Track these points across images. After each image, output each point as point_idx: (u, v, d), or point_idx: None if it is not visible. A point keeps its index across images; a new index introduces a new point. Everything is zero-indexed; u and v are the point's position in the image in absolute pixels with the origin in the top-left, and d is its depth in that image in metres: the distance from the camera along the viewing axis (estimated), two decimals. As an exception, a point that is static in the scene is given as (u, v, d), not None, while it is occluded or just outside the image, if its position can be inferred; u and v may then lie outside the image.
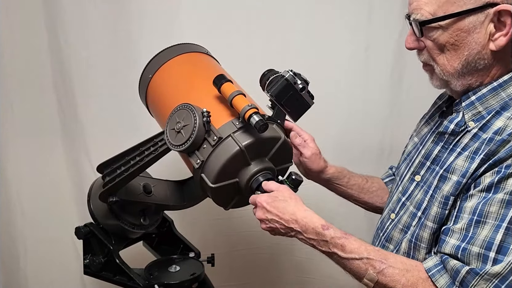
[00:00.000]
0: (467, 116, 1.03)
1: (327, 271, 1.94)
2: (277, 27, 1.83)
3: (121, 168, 1.27)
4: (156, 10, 1.80)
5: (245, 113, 1.10)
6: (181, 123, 1.14)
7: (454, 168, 1.01)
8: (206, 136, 1.14)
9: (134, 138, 1.28)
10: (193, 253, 1.49)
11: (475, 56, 0.99)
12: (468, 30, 0.97)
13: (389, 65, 1.88)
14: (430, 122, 1.23)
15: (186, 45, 1.42)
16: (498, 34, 0.96)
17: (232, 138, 1.14)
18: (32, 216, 1.91)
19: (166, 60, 1.36)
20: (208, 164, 1.15)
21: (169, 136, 1.17)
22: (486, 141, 0.97)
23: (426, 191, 1.08)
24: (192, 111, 1.13)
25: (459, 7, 0.96)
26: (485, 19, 0.96)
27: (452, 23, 0.97)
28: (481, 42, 0.97)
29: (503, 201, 0.91)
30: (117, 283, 1.35)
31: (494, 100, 1.01)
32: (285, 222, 1.06)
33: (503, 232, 0.90)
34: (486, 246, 0.91)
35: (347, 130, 1.93)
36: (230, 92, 1.14)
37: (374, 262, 0.98)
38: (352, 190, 1.38)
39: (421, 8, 0.99)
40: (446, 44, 0.99)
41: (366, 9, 1.85)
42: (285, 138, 1.23)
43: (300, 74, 1.22)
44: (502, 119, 0.98)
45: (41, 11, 1.78)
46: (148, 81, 1.37)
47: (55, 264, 1.94)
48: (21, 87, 1.84)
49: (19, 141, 1.86)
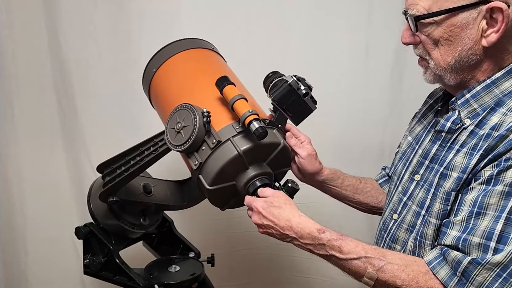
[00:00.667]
0: (463, 114, 1.05)
1: (327, 271, 1.94)
2: (277, 27, 1.83)
3: (121, 168, 1.27)
4: (156, 10, 1.80)
5: (245, 119, 1.10)
6: (181, 123, 1.14)
7: (453, 165, 1.02)
8: (205, 137, 1.14)
9: (134, 138, 1.28)
10: (193, 253, 1.49)
11: (468, 52, 1.01)
12: (462, 26, 0.99)
13: (389, 65, 1.88)
14: (422, 121, 1.24)
15: (193, 40, 1.40)
16: (490, 30, 0.98)
17: (231, 142, 1.13)
18: (32, 216, 1.91)
19: (171, 55, 1.35)
20: (206, 166, 1.15)
21: (169, 135, 1.17)
22: (483, 137, 0.99)
23: (428, 190, 1.08)
24: (193, 111, 1.13)
25: (453, 3, 0.98)
26: (478, 16, 0.98)
27: (446, 19, 0.99)
28: (474, 38, 0.99)
29: (503, 193, 0.92)
30: (117, 283, 1.35)
31: (488, 97, 1.03)
32: (280, 228, 1.07)
33: (503, 222, 0.91)
34: (487, 236, 0.91)
35: (347, 130, 1.93)
36: (232, 95, 1.14)
37: (372, 260, 0.98)
38: (346, 191, 1.38)
39: (417, 4, 1.01)
40: (440, 39, 1.01)
41: (366, 9, 1.85)
42: (285, 144, 1.23)
43: (304, 79, 1.22)
44: (497, 115, 1.00)
45: (41, 11, 1.78)
46: (152, 75, 1.36)
47: (55, 264, 1.94)
48: (21, 87, 1.84)
49: (19, 141, 1.86)
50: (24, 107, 1.84)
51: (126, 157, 1.28)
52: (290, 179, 1.20)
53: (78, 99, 1.84)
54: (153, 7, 1.80)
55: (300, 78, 1.21)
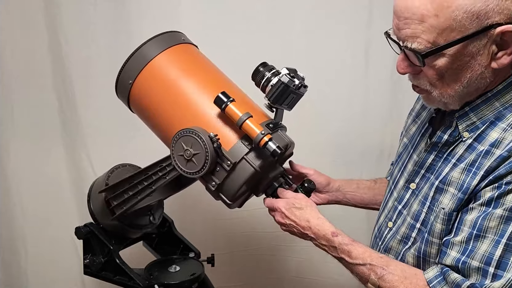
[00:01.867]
0: (461, 127, 1.02)
1: (326, 272, 1.94)
2: (277, 27, 1.83)
3: (129, 193, 1.27)
4: (156, 10, 1.79)
5: (260, 141, 1.12)
6: (190, 151, 1.13)
7: (450, 181, 1.01)
8: (218, 160, 1.15)
9: (134, 138, 1.28)
10: (193, 253, 1.49)
11: (478, 77, 0.95)
12: (471, 54, 0.92)
13: (389, 66, 1.88)
14: (417, 121, 1.22)
15: (162, 37, 1.27)
16: (502, 53, 0.92)
17: (245, 161, 1.15)
18: (32, 216, 1.91)
19: (145, 62, 1.23)
20: (225, 186, 1.18)
21: (179, 163, 1.16)
22: (482, 154, 0.97)
23: (423, 203, 1.08)
24: (200, 138, 1.11)
25: (461, 33, 0.90)
26: (488, 41, 0.91)
27: (456, 50, 0.92)
28: (484, 63, 0.93)
29: (503, 217, 0.92)
30: (117, 283, 1.35)
31: (488, 110, 0.99)
32: (301, 228, 1.14)
33: (502, 248, 0.91)
34: (486, 261, 0.92)
35: (346, 132, 1.92)
36: (238, 116, 1.13)
37: (376, 268, 1.03)
38: (366, 195, 1.40)
39: (418, 37, 0.92)
40: (447, 70, 0.95)
41: (366, 9, 1.85)
42: (292, 141, 1.26)
43: (296, 70, 1.21)
44: (497, 130, 0.97)
45: (41, 11, 1.78)
46: (129, 88, 1.25)
47: (55, 264, 1.94)
48: (21, 87, 1.84)
49: (19, 141, 1.86)
50: (24, 107, 1.84)
51: (132, 181, 1.26)
52: (306, 179, 1.26)
53: (78, 98, 1.84)
54: (153, 7, 1.79)
55: (291, 70, 1.19)
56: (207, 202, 1.27)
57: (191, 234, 1.57)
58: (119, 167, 1.41)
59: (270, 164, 1.22)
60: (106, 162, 1.46)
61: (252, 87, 1.26)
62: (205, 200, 1.35)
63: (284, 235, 1.24)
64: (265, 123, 1.20)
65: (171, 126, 1.20)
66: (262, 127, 1.14)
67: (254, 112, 1.17)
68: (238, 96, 1.18)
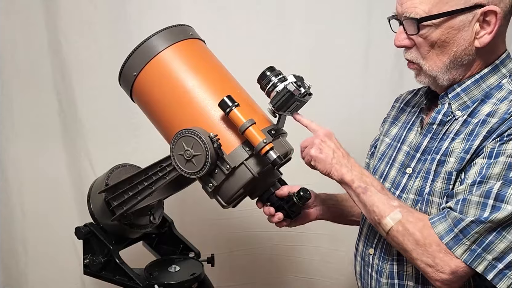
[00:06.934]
0: (453, 106, 1.11)
1: (327, 272, 1.94)
2: (277, 27, 1.83)
3: (129, 193, 1.27)
4: (156, 10, 1.80)
5: (261, 149, 1.12)
6: (191, 151, 1.13)
7: (451, 151, 1.07)
8: (218, 162, 1.15)
9: (134, 138, 1.28)
10: (193, 253, 1.49)
11: (462, 52, 1.07)
12: (458, 28, 1.05)
13: (389, 65, 1.88)
14: (397, 124, 1.30)
15: (170, 30, 1.26)
16: (483, 32, 1.05)
17: (245, 166, 1.15)
18: (32, 216, 1.91)
19: (151, 56, 1.22)
20: (222, 189, 1.18)
21: (179, 162, 1.16)
22: (479, 123, 1.04)
23: (426, 177, 1.11)
24: (201, 139, 1.12)
25: (451, 7, 1.04)
26: (473, 19, 1.04)
27: (445, 21, 1.05)
28: (468, 39, 1.06)
29: (505, 163, 0.96)
30: (117, 283, 1.35)
31: (477, 90, 1.09)
32: (341, 154, 1.14)
33: (501, 183, 0.95)
34: (485, 195, 0.96)
35: (346, 131, 1.91)
36: (241, 122, 1.13)
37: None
38: (354, 206, 1.39)
39: (416, 7, 1.06)
40: (437, 41, 1.06)
41: (366, 8, 1.85)
42: (292, 148, 1.27)
43: (302, 78, 1.21)
44: (488, 105, 1.06)
45: (41, 11, 1.79)
46: (133, 80, 1.25)
47: (55, 264, 1.94)
48: (21, 87, 1.84)
49: (19, 141, 1.86)
50: (24, 107, 1.84)
51: (132, 181, 1.26)
52: (302, 188, 1.23)
53: (78, 99, 1.84)
54: (153, 7, 1.80)
55: (298, 78, 1.19)
56: (207, 202, 1.27)
57: (191, 234, 1.57)
58: (119, 167, 1.41)
59: (269, 170, 1.22)
60: (106, 162, 1.46)
61: (252, 87, 1.26)
62: (205, 200, 1.35)
63: (284, 235, 1.25)
64: (267, 129, 1.20)
65: (172, 123, 1.20)
66: (264, 134, 1.14)
67: (257, 117, 1.17)
68: (242, 99, 1.18)
